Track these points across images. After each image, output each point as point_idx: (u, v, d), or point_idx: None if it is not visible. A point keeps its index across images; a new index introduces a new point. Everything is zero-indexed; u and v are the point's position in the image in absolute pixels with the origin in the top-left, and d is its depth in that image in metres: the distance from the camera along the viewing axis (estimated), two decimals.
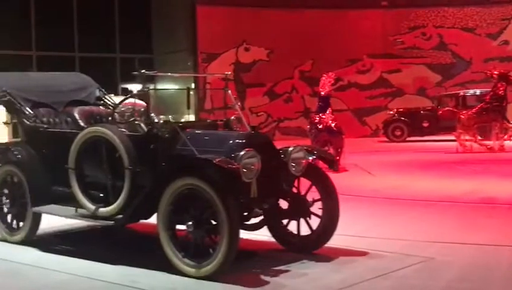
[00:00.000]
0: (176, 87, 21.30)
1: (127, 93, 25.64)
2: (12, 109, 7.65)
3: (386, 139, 22.83)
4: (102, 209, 6.36)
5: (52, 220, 7.49)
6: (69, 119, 7.72)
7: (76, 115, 7.09)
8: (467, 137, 17.54)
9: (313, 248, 6.41)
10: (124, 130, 6.48)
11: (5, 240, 7.36)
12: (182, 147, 6.14)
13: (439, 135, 21.56)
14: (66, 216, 6.90)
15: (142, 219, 6.32)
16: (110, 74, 24.75)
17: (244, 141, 5.94)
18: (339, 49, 25.15)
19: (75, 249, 6.94)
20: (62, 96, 7.94)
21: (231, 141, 5.97)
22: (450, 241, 6.85)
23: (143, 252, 6.71)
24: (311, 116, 15.14)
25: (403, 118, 22.60)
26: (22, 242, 7.17)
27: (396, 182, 11.90)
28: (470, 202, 9.41)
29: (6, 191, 7.51)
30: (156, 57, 25.99)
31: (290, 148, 6.15)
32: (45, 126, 7.37)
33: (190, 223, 5.56)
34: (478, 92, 21.74)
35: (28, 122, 7.44)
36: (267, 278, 5.47)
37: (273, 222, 6.47)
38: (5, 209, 7.50)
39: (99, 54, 25.13)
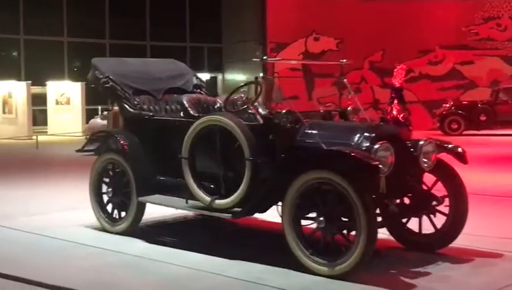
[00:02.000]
0: (246, 76, 21.18)
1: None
2: (114, 96, 7.45)
3: (441, 132, 21.61)
4: (219, 201, 6.05)
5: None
6: (167, 106, 7.52)
7: (186, 103, 6.78)
8: None
9: (437, 247, 6.05)
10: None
11: (105, 230, 7.15)
12: (302, 138, 5.82)
13: (496, 129, 20.86)
14: (177, 207, 6.66)
15: (259, 212, 6.03)
16: None
17: (374, 133, 5.59)
18: (410, 40, 24.54)
19: (181, 241, 6.66)
20: (161, 83, 7.72)
21: (360, 133, 5.61)
22: None
23: (258, 247, 6.42)
24: (384, 108, 15.13)
25: (459, 111, 21.78)
26: (123, 233, 6.94)
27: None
28: None
29: (106, 180, 7.32)
30: (225, 47, 25.85)
31: (421, 142, 5.79)
32: (151, 114, 7.15)
33: (321, 219, 5.25)
34: None
35: (131, 110, 7.22)
36: (407, 280, 5.14)
37: (393, 219, 6.09)
38: (105, 199, 7.31)
39: (169, 42, 25.18)
